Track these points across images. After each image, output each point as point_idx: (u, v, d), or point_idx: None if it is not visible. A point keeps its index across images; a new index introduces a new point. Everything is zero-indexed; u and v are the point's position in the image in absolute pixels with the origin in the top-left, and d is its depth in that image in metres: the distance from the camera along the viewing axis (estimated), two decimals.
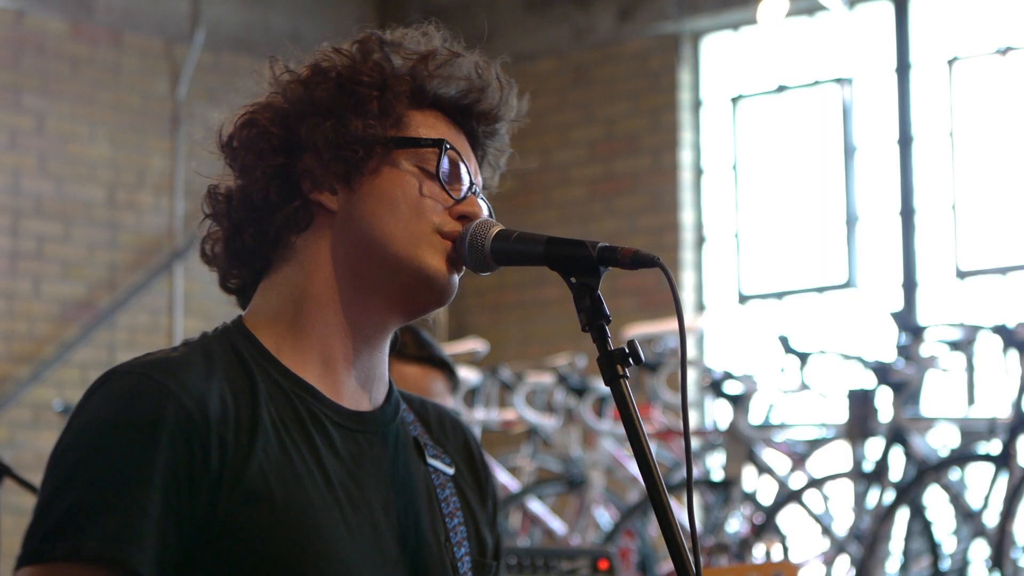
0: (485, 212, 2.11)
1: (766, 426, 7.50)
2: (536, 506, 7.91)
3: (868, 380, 6.97)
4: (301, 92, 2.05)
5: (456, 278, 2.06)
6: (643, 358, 1.95)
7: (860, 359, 7.08)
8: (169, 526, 1.90)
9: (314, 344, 2.04)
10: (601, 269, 1.97)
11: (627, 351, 1.94)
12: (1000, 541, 6.34)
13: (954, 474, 6.79)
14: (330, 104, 2.03)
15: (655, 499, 1.91)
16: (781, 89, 9.71)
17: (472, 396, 8.03)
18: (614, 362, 1.95)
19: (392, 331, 2.09)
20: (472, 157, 2.11)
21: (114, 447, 1.90)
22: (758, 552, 7.08)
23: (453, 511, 2.12)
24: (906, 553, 6.78)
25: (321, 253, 2.04)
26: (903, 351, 7.04)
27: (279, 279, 2.06)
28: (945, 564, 6.68)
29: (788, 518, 7.11)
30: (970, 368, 6.98)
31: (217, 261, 2.10)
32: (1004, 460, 6.49)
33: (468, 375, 7.96)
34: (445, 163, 2.05)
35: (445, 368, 3.52)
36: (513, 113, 2.15)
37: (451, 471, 2.15)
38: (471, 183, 2.07)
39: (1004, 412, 6.70)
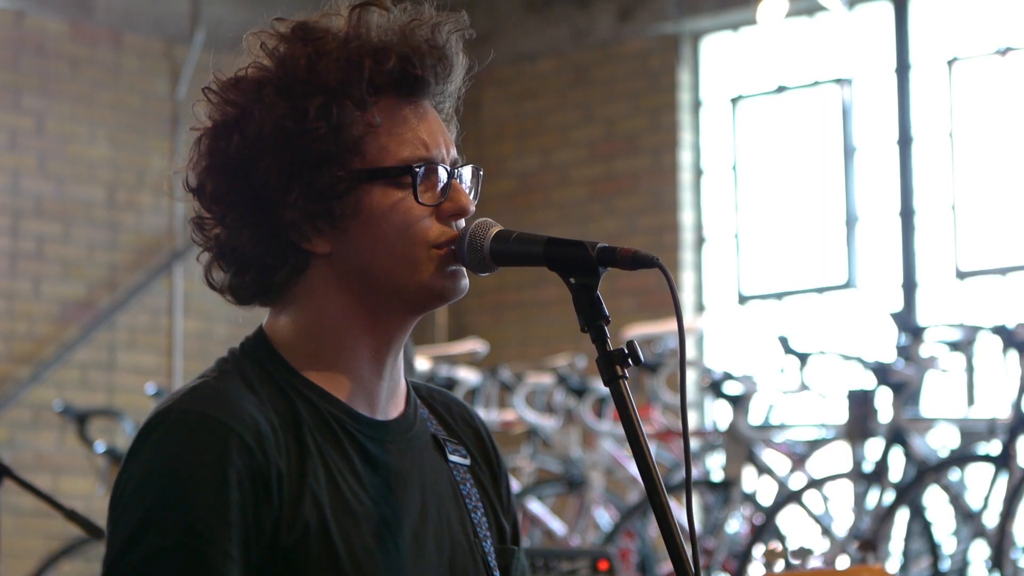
0: (468, 177, 2.08)
1: (766, 426, 7.50)
2: (536, 507, 7.91)
3: (868, 380, 6.97)
4: (255, 142, 2.00)
5: (463, 281, 2.05)
6: (642, 359, 1.95)
7: (860, 359, 7.08)
8: (247, 566, 1.91)
9: (342, 367, 2.04)
10: (600, 270, 1.97)
11: (626, 352, 1.94)
12: (1000, 541, 6.34)
13: (954, 474, 6.79)
14: (289, 161, 1.99)
15: (654, 500, 1.91)
16: (781, 89, 9.71)
17: (472, 397, 8.03)
18: (613, 363, 1.95)
19: (407, 336, 2.09)
20: (437, 126, 2.07)
21: (188, 489, 1.90)
22: (757, 552, 7.08)
23: (476, 505, 2.13)
24: (906, 553, 6.78)
25: (328, 291, 2.04)
26: (903, 351, 7.04)
27: (292, 314, 2.06)
28: (945, 564, 6.68)
29: (788, 518, 7.11)
30: (970, 368, 6.97)
31: (225, 293, 2.08)
32: (1004, 460, 6.49)
33: (468, 375, 7.96)
34: (420, 180, 2.02)
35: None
36: (453, 39, 2.07)
37: (468, 462, 2.15)
38: (448, 175, 2.05)
39: (1004, 412, 6.69)
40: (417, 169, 2.01)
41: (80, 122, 9.55)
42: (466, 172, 2.08)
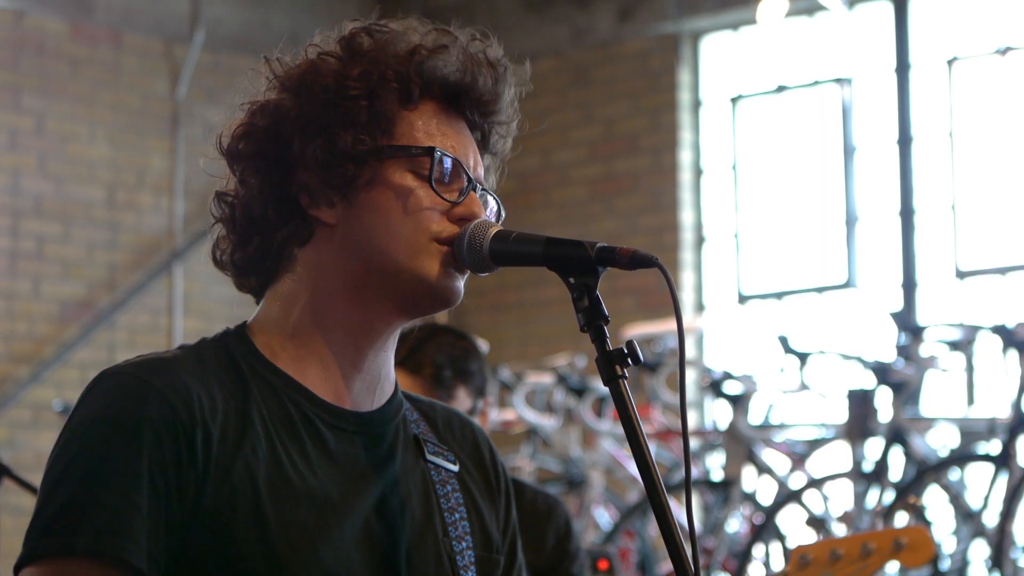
0: (492, 207, 2.11)
1: (766, 426, 7.50)
2: None
3: (868, 380, 6.97)
4: (291, 105, 2.05)
5: (459, 283, 2.06)
6: (642, 358, 1.95)
7: (860, 359, 7.09)
8: (159, 519, 1.93)
9: (314, 351, 2.05)
10: (599, 269, 1.97)
11: (626, 351, 1.95)
12: (1000, 541, 6.34)
13: (954, 474, 6.79)
14: (319, 119, 2.03)
15: (654, 500, 1.91)
16: (781, 89, 9.71)
17: None
18: (613, 362, 1.95)
19: (397, 332, 2.09)
20: (470, 145, 2.10)
21: (101, 445, 1.94)
22: (758, 552, 7.08)
23: (454, 506, 2.12)
24: None
25: (323, 265, 2.05)
26: (903, 351, 7.04)
27: (282, 289, 2.08)
28: (945, 564, 6.68)
29: (788, 518, 7.11)
30: (970, 368, 6.98)
31: (227, 268, 2.12)
32: (1004, 460, 6.49)
33: None
34: (438, 169, 2.04)
35: (429, 377, 3.51)
36: (511, 88, 2.14)
37: (455, 468, 2.16)
38: (468, 181, 2.07)
39: (1004, 412, 6.70)
40: (439, 153, 2.04)
41: (80, 122, 9.56)
42: (490, 200, 2.12)
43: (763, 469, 7.30)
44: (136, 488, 1.92)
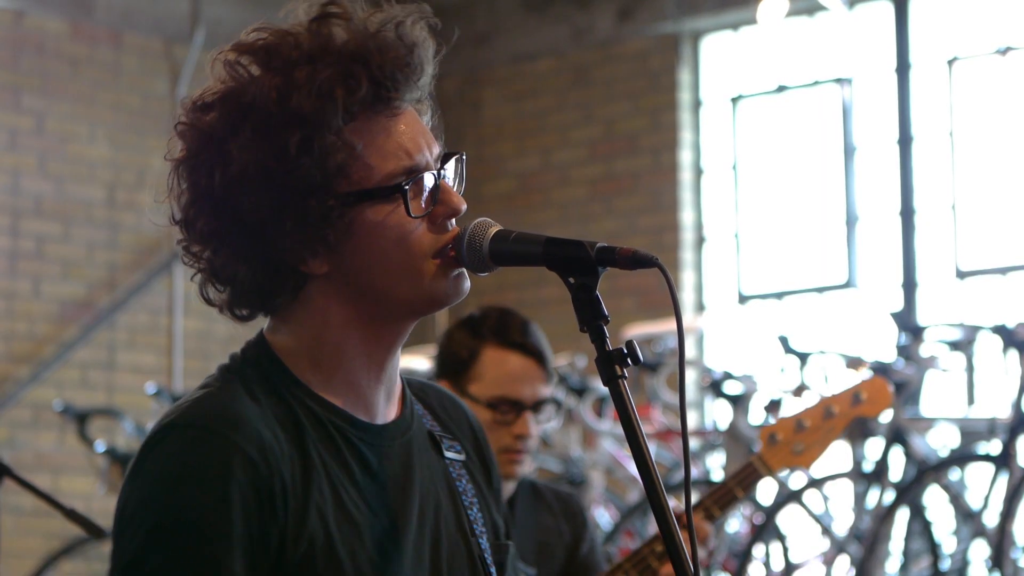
0: (451, 171, 2.07)
1: (766, 426, 7.49)
2: None
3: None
4: (239, 175, 1.98)
5: (465, 283, 2.05)
6: (641, 358, 1.95)
7: (860, 359, 7.08)
8: None
9: (341, 376, 2.05)
10: (599, 269, 1.97)
11: (625, 351, 1.95)
12: (1000, 541, 6.34)
13: (954, 474, 6.79)
14: (276, 196, 1.98)
15: (654, 500, 1.91)
16: (781, 89, 9.71)
17: None
18: (612, 362, 1.95)
19: (410, 328, 2.09)
20: (415, 124, 2.05)
21: (191, 508, 1.91)
22: (758, 552, 7.08)
23: (472, 501, 2.13)
24: (906, 553, 6.78)
25: (325, 306, 2.04)
26: (903, 351, 7.03)
27: (293, 326, 2.06)
28: (945, 564, 6.68)
29: (788, 518, 7.11)
30: (970, 368, 6.97)
31: (222, 310, 2.08)
32: (1004, 460, 6.48)
33: None
34: (411, 195, 2.01)
35: (536, 356, 3.61)
36: (426, 47, 2.05)
37: (462, 457, 2.16)
38: (435, 178, 2.04)
39: (1004, 412, 6.69)
40: (405, 186, 2.00)
41: (80, 122, 9.55)
42: (449, 167, 2.07)
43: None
44: (230, 552, 1.90)
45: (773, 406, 7.15)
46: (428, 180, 2.03)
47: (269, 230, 1.99)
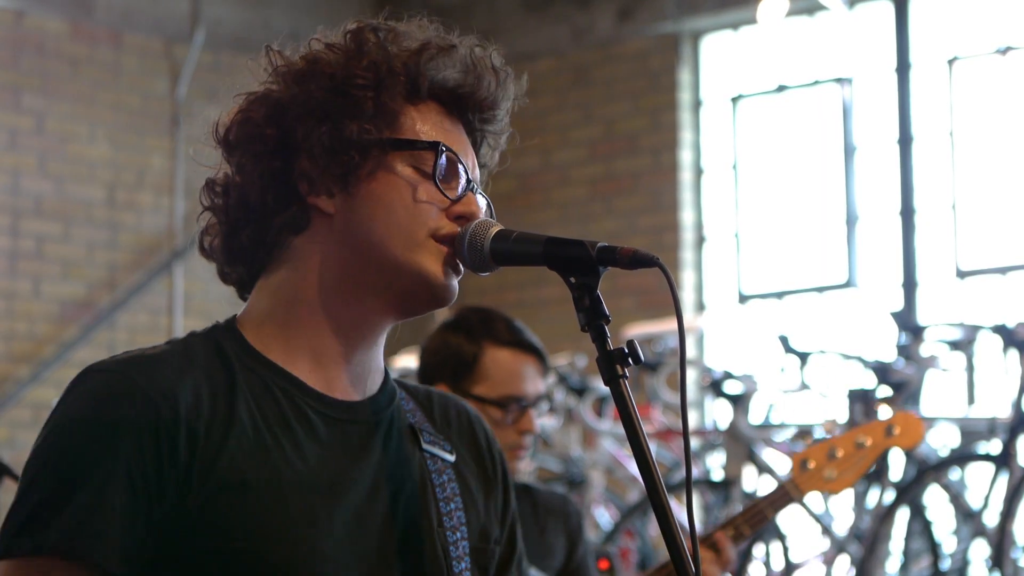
0: (483, 207, 2.10)
1: (766, 425, 7.50)
2: None
3: (868, 380, 6.97)
4: (296, 91, 2.04)
5: (455, 282, 2.06)
6: (642, 358, 1.95)
7: (860, 359, 7.08)
8: (137, 520, 1.93)
9: (304, 342, 2.05)
10: (600, 269, 1.97)
11: (626, 351, 1.95)
12: (1000, 541, 6.34)
13: (954, 474, 6.79)
14: (325, 106, 2.02)
15: (654, 499, 1.91)
16: (781, 89, 9.71)
17: None
18: (613, 362, 1.95)
19: (388, 328, 2.09)
20: (469, 149, 2.11)
21: (79, 445, 1.94)
22: (758, 552, 7.08)
23: (450, 496, 2.12)
24: (906, 553, 6.78)
25: (318, 256, 2.05)
26: (903, 351, 7.04)
27: (275, 280, 2.07)
28: (945, 564, 6.68)
29: (788, 518, 7.11)
30: (970, 368, 6.98)
31: (215, 256, 2.11)
32: (1004, 460, 6.48)
33: None
34: (441, 164, 2.05)
35: (536, 353, 3.64)
36: (510, 101, 2.15)
37: (452, 458, 2.15)
38: (468, 180, 2.07)
39: (1004, 412, 6.69)
40: (443, 150, 2.04)
41: (80, 122, 9.56)
42: (481, 200, 2.11)
43: (763, 468, 7.29)
44: (112, 488, 1.92)
45: (803, 434, 7.15)
46: (462, 177, 2.07)
47: (302, 142, 2.02)
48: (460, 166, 2.06)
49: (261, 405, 2.00)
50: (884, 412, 6.68)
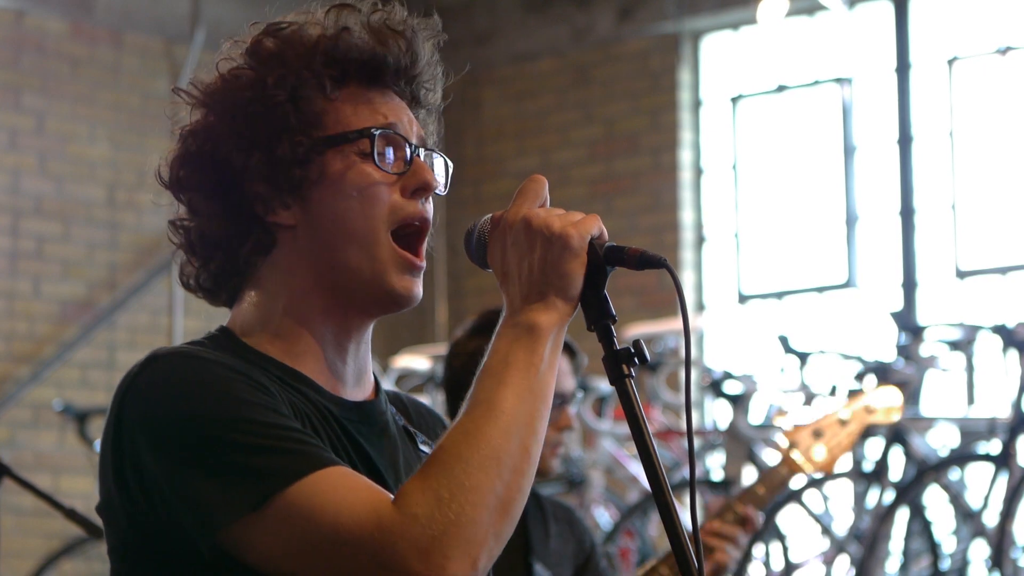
0: (440, 165, 2.09)
1: (766, 426, 7.50)
2: None
3: (868, 380, 6.97)
4: (218, 123, 2.05)
5: (417, 285, 2.05)
6: (649, 358, 1.95)
7: (860, 359, 7.08)
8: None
9: (304, 347, 2.05)
10: (608, 268, 1.97)
11: (632, 351, 1.95)
12: (1000, 541, 6.34)
13: (954, 474, 6.79)
14: (250, 133, 2.02)
15: (659, 498, 1.91)
16: (781, 89, 9.71)
17: None
18: (619, 361, 1.95)
19: (369, 331, 2.09)
20: (403, 110, 2.08)
21: (237, 389, 1.90)
22: (758, 552, 7.08)
23: None
24: (906, 553, 6.78)
25: (291, 269, 2.05)
26: (903, 351, 7.04)
27: (257, 296, 2.07)
28: (945, 564, 6.68)
29: (788, 518, 7.11)
30: (970, 368, 6.98)
31: (196, 291, 2.12)
32: (1004, 460, 6.49)
33: None
34: (379, 145, 2.04)
35: (568, 349, 3.65)
36: (428, 46, 2.11)
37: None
38: (411, 147, 2.06)
39: (1004, 412, 6.70)
40: (375, 132, 2.02)
41: (80, 122, 9.55)
42: (437, 161, 2.09)
43: (763, 469, 7.29)
44: (291, 417, 1.92)
45: (780, 412, 7.18)
46: (403, 144, 2.05)
47: (240, 168, 2.02)
48: (397, 137, 2.05)
49: (300, 408, 1.98)
50: (867, 387, 6.69)
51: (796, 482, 7.18)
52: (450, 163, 2.12)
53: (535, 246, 1.94)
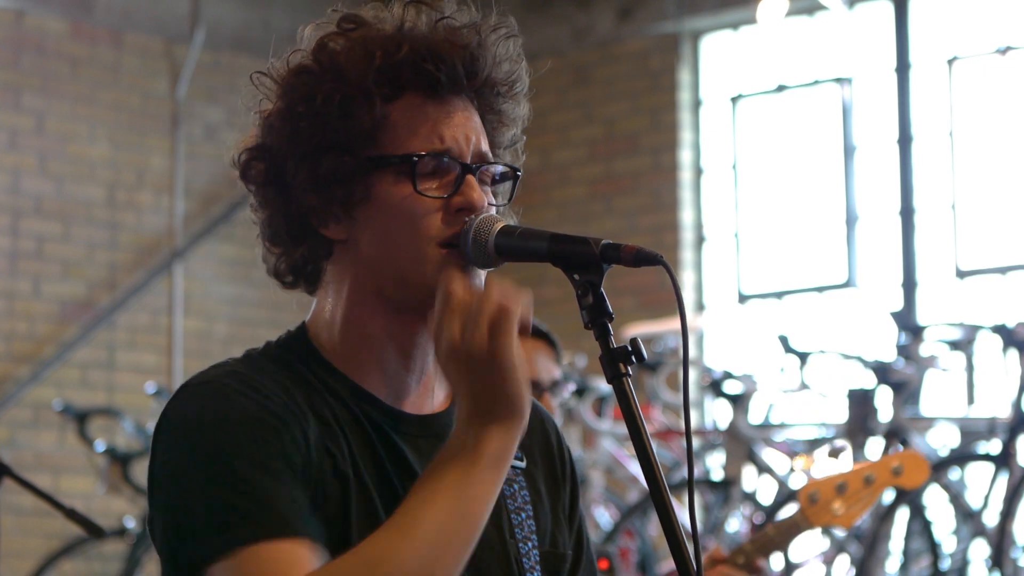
0: (499, 174, 2.08)
1: (766, 425, 7.50)
2: None
3: (868, 380, 6.97)
4: (274, 135, 2.04)
5: (475, 278, 2.04)
6: (645, 356, 1.95)
7: (860, 359, 7.08)
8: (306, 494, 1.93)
9: (367, 355, 2.04)
10: (604, 266, 1.96)
11: (630, 349, 1.94)
12: (1000, 541, 6.34)
13: (954, 474, 6.79)
14: (301, 146, 2.01)
15: (657, 498, 1.90)
16: (781, 89, 9.71)
17: None
18: (617, 360, 1.94)
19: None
20: (465, 122, 2.05)
21: (237, 437, 1.91)
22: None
23: (521, 505, 2.10)
24: (906, 553, 6.78)
25: (347, 278, 2.05)
26: (903, 351, 7.04)
27: (325, 299, 2.08)
28: (945, 564, 6.68)
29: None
30: (970, 368, 6.98)
31: (271, 271, 2.11)
32: (1004, 460, 6.49)
33: None
34: (423, 168, 2.02)
35: (547, 339, 3.66)
36: (498, 50, 2.07)
37: (523, 464, 2.13)
38: (461, 168, 2.03)
39: (1004, 412, 6.70)
40: (416, 159, 2.00)
41: (80, 122, 9.55)
42: (497, 169, 2.08)
43: (763, 468, 7.29)
44: (288, 476, 1.91)
45: (814, 444, 7.15)
46: (453, 167, 2.03)
47: (294, 182, 2.02)
48: (445, 159, 2.02)
49: (346, 425, 2.00)
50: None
51: (795, 482, 7.21)
52: (518, 171, 2.10)
53: (471, 371, 1.90)
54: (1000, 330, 6.81)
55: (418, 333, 2.05)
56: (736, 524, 7.42)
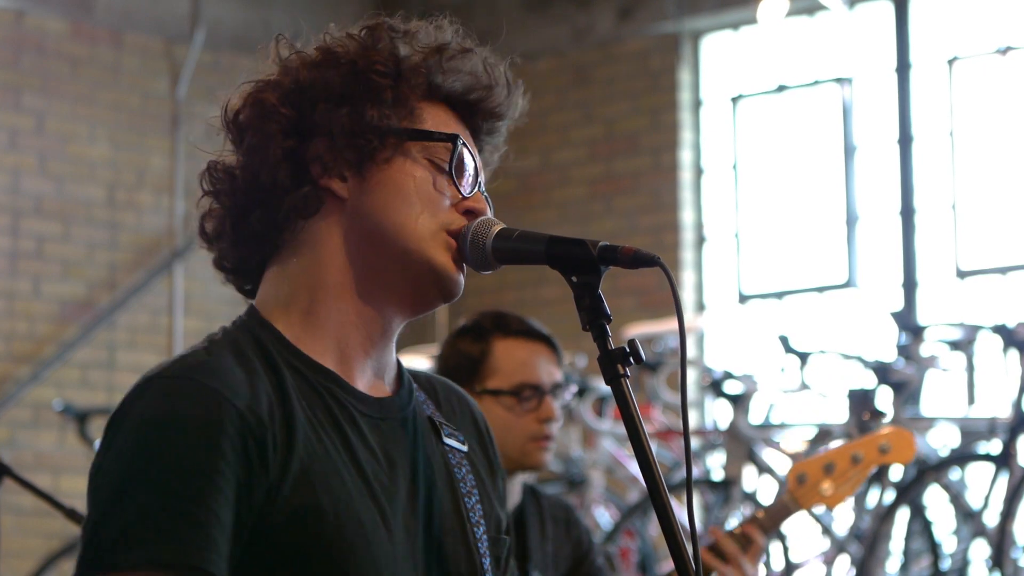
0: (489, 209, 2.11)
1: (766, 426, 7.50)
2: None
3: (868, 380, 6.97)
4: (313, 75, 2.03)
5: (462, 277, 2.06)
6: (643, 357, 1.95)
7: (860, 359, 7.08)
8: (231, 527, 1.87)
9: (330, 333, 2.03)
10: (602, 268, 1.97)
11: (628, 350, 1.95)
12: (1000, 541, 6.34)
13: (954, 474, 6.79)
14: (344, 90, 2.02)
15: (656, 498, 1.91)
16: (781, 89, 9.71)
17: None
18: (615, 361, 1.95)
19: (398, 328, 2.08)
20: (476, 152, 2.11)
21: (176, 449, 1.87)
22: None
23: (470, 490, 2.11)
24: (906, 553, 6.78)
25: (332, 241, 2.03)
26: (903, 351, 7.04)
27: (290, 266, 2.05)
28: (945, 564, 6.68)
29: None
30: (970, 368, 6.98)
31: (218, 242, 2.07)
32: (1004, 460, 6.48)
33: None
34: (458, 157, 2.05)
35: (548, 342, 3.68)
36: (516, 113, 2.16)
37: (464, 448, 2.14)
38: (478, 178, 2.08)
39: (1004, 412, 6.69)
40: (460, 144, 2.05)
41: (80, 122, 9.55)
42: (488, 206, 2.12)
43: (763, 469, 7.29)
44: (214, 495, 1.85)
45: (823, 435, 7.14)
46: (471, 171, 2.08)
47: (318, 124, 2.01)
48: (473, 163, 2.07)
49: (312, 406, 1.97)
50: (881, 425, 6.68)
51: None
52: (491, 204, 2.13)
53: None
54: (1000, 330, 6.81)
55: (386, 315, 2.04)
56: (736, 524, 7.41)
